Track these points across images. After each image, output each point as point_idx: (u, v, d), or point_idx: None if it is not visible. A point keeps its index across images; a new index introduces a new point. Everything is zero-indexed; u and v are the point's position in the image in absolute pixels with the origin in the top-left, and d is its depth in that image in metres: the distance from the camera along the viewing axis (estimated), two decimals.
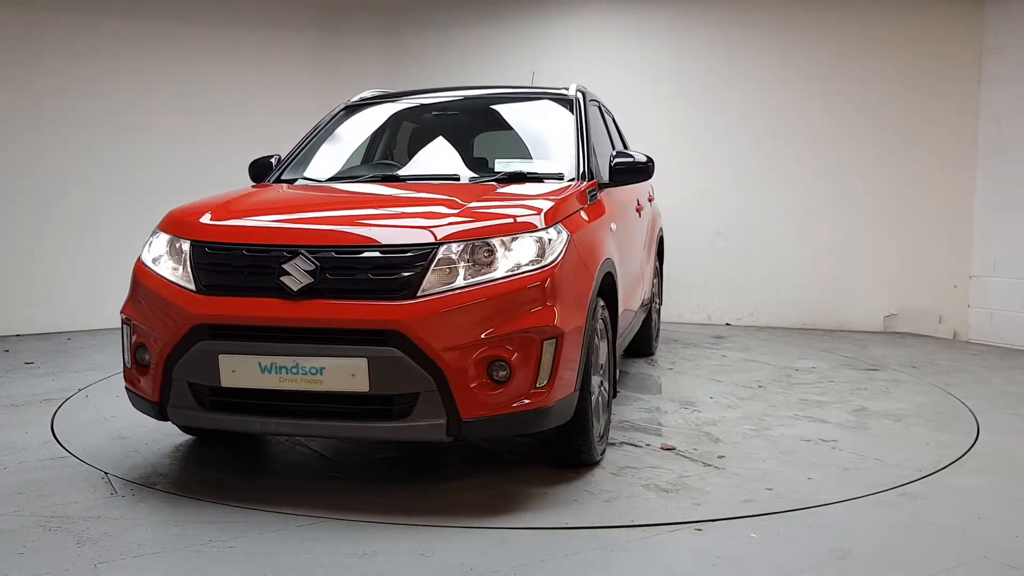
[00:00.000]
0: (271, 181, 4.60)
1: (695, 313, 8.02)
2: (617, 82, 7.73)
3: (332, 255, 3.28)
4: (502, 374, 3.21)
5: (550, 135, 4.70)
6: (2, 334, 7.09)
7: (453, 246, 3.27)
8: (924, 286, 7.38)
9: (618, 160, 4.43)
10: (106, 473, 3.74)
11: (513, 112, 5.01)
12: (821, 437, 4.32)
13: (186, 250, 3.50)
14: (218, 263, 3.42)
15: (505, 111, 5.03)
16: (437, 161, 4.69)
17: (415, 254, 3.25)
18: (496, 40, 8.48)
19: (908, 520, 3.30)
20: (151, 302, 3.52)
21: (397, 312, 3.16)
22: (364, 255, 3.28)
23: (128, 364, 3.62)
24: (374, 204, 4.02)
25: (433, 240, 3.28)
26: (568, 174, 4.26)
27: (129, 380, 3.64)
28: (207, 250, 3.46)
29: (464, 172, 4.40)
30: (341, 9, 8.69)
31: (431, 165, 4.66)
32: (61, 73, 7.28)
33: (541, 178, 4.26)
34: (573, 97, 4.83)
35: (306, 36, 8.52)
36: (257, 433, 3.51)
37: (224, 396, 3.36)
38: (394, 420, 3.22)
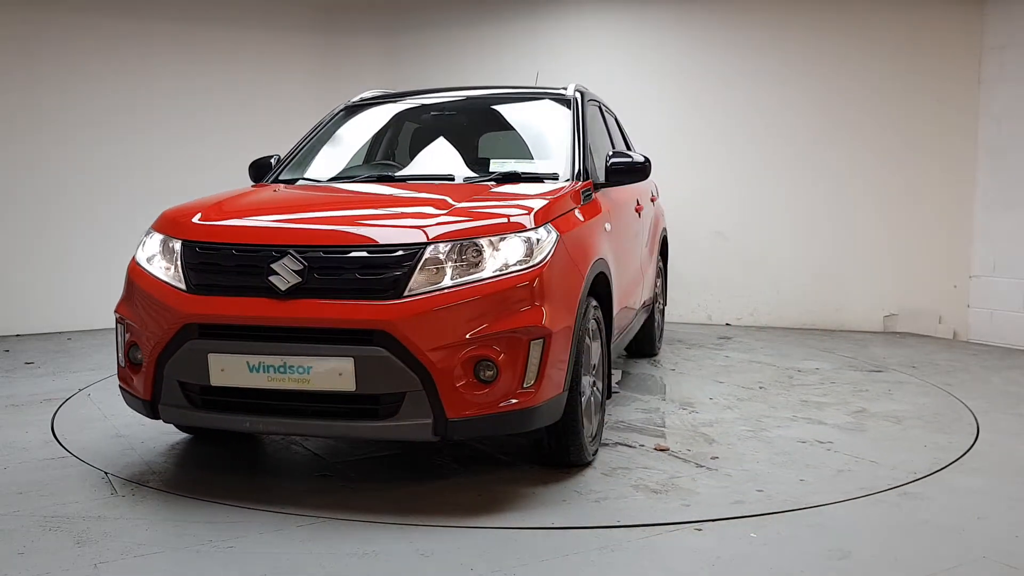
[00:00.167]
0: (269, 181, 4.62)
1: (695, 313, 8.01)
2: (617, 82, 7.72)
3: (320, 255, 3.29)
4: (489, 374, 3.21)
5: (547, 135, 4.70)
6: (2, 334, 7.11)
7: (441, 246, 3.28)
8: (924, 286, 7.35)
9: (614, 160, 4.43)
10: (106, 473, 3.75)
11: (511, 112, 5.01)
12: (817, 439, 4.31)
13: (178, 250, 3.52)
14: (208, 263, 3.45)
15: (503, 111, 5.02)
16: (434, 161, 4.69)
17: (402, 254, 3.26)
18: (496, 40, 8.47)
19: (908, 520, 3.29)
20: (144, 301, 3.54)
21: (384, 312, 3.16)
22: (351, 255, 3.29)
23: (121, 363, 3.66)
24: (364, 204, 4.03)
25: (420, 240, 3.28)
26: (563, 174, 4.26)
27: (123, 379, 3.67)
28: (197, 250, 3.48)
29: (460, 172, 4.40)
30: (341, 9, 8.69)
31: (427, 165, 4.67)
32: (61, 73, 7.29)
33: (537, 178, 4.26)
34: (571, 97, 4.82)
35: (306, 36, 8.52)
36: (247, 432, 3.54)
37: (214, 395, 3.38)
38: (381, 420, 3.23)
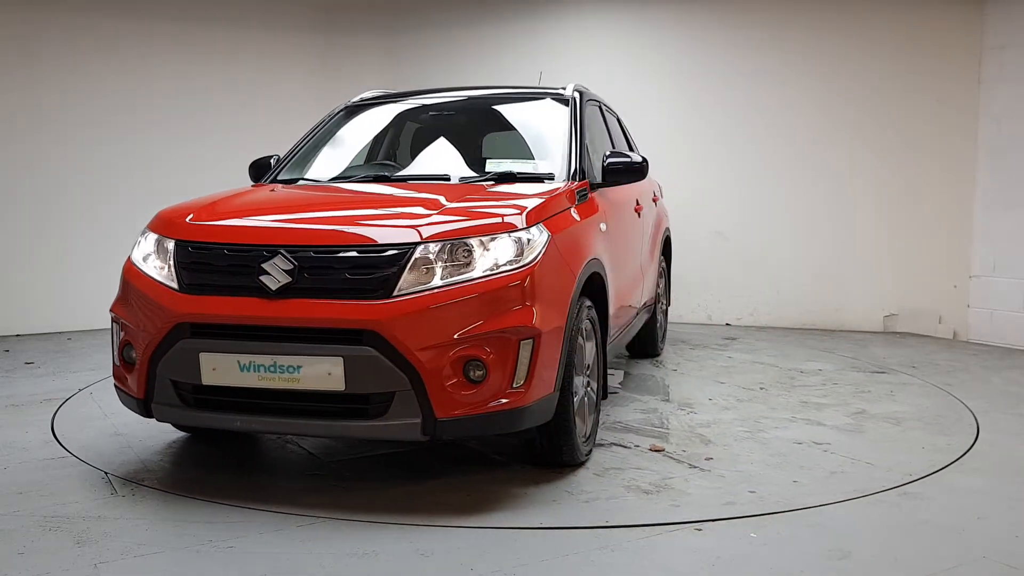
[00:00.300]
0: (267, 181, 4.63)
1: (695, 313, 7.99)
2: (617, 82, 7.71)
3: (310, 255, 3.30)
4: (478, 374, 3.21)
5: (544, 135, 4.69)
6: (2, 334, 7.12)
7: (431, 246, 3.28)
8: (924, 286, 7.33)
9: (611, 160, 4.43)
10: (106, 473, 3.76)
11: (510, 112, 5.01)
12: (814, 440, 4.29)
13: (171, 249, 3.54)
14: (200, 262, 3.46)
15: (502, 111, 5.02)
16: (431, 161, 4.70)
17: (392, 254, 3.26)
18: (496, 40, 8.46)
19: (908, 520, 3.29)
20: (138, 301, 3.56)
21: (373, 312, 3.17)
22: (341, 255, 3.29)
23: (116, 362, 3.68)
24: (356, 204, 4.04)
25: (409, 240, 3.29)
26: (560, 174, 4.25)
27: (117, 377, 3.70)
28: (190, 249, 3.50)
29: (457, 172, 4.39)
30: (341, 9, 8.69)
31: (425, 165, 4.68)
32: (61, 73, 7.30)
33: (533, 178, 4.25)
34: (570, 97, 4.82)
35: (306, 36, 8.52)
36: (238, 431, 3.55)
37: (205, 394, 3.40)
38: (370, 419, 3.23)
